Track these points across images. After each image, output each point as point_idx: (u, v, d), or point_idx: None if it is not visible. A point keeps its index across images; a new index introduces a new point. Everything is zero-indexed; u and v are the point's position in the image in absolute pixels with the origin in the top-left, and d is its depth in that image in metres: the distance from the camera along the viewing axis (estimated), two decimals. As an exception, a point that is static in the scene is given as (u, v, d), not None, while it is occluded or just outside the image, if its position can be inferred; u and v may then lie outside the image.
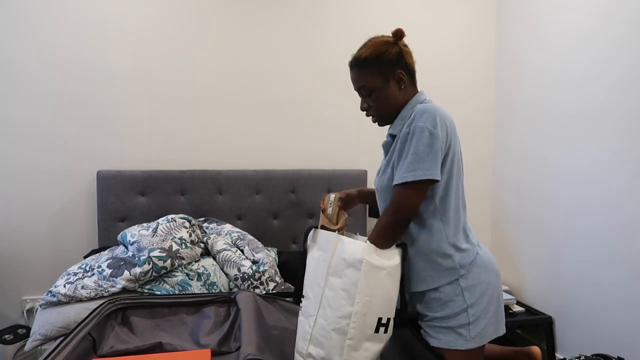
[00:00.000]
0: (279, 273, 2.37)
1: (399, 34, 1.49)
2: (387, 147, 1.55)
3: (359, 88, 1.52)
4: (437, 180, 1.39)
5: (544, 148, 2.82)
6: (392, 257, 1.40)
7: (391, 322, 1.39)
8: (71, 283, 2.06)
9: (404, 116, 1.50)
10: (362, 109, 1.54)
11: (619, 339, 2.32)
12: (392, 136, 1.52)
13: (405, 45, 1.52)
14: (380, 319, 1.37)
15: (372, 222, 3.15)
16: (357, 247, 1.38)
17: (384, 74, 1.48)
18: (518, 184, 3.08)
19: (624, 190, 2.29)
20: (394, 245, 1.44)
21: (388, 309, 1.38)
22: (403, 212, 1.38)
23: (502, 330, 1.51)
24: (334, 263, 1.39)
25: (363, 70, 1.48)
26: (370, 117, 1.56)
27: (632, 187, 2.24)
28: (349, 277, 1.36)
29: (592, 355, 1.99)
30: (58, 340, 1.59)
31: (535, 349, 1.78)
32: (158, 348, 1.52)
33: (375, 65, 1.47)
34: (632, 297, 2.25)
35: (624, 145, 2.29)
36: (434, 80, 3.24)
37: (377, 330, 1.37)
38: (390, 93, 1.49)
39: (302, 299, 1.49)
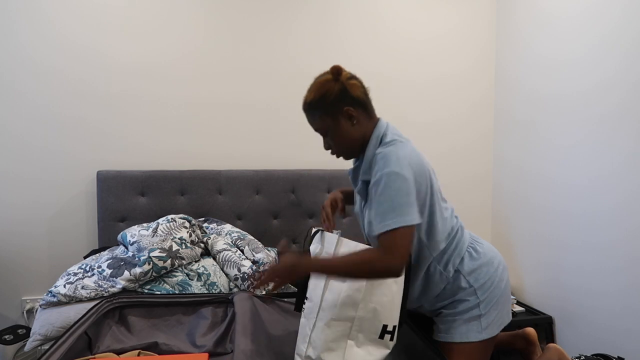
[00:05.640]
0: (278, 273, 2.37)
1: (336, 71, 1.45)
2: (362, 193, 1.51)
3: (315, 130, 1.50)
4: (416, 224, 1.34)
5: (544, 135, 2.82)
6: None
7: (396, 330, 1.39)
8: (71, 283, 2.07)
9: (367, 159, 1.46)
10: (325, 149, 1.52)
11: (619, 338, 2.31)
12: (363, 182, 1.49)
13: (350, 78, 1.47)
14: (385, 326, 1.37)
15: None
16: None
17: (331, 113, 1.44)
18: (519, 171, 3.08)
19: (622, 172, 2.28)
20: None
21: (393, 317, 1.38)
22: (392, 258, 1.28)
23: (508, 319, 1.59)
24: None
25: (312, 114, 1.47)
26: (335, 155, 1.52)
27: (632, 167, 2.24)
28: (354, 282, 1.35)
29: (592, 355, 2.00)
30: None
31: (530, 330, 1.84)
32: (154, 348, 1.52)
33: (321, 107, 1.44)
34: (632, 297, 2.24)
35: (623, 130, 2.28)
36: (433, 67, 3.24)
37: (382, 337, 1.36)
38: (344, 131, 1.45)
39: (305, 301, 1.49)
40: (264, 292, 2.21)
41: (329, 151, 1.52)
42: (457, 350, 1.50)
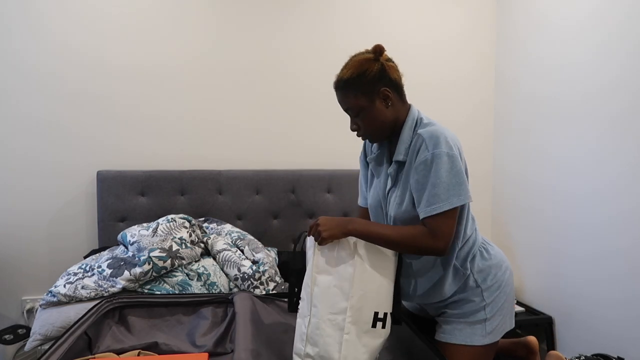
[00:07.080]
0: (279, 273, 2.38)
1: (378, 50, 1.43)
2: (394, 175, 1.50)
3: (346, 109, 1.47)
4: (467, 202, 1.40)
5: (544, 140, 2.81)
6: (383, 252, 1.40)
7: (389, 318, 1.38)
8: (71, 283, 2.07)
9: (404, 140, 1.45)
10: (352, 130, 1.49)
11: (619, 338, 2.31)
12: (397, 162, 1.48)
13: (389, 60, 1.46)
14: (376, 314, 1.36)
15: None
16: (345, 243, 1.38)
17: (367, 93, 1.42)
18: (519, 176, 3.08)
19: (623, 181, 2.28)
20: None
21: (384, 304, 1.38)
22: (441, 240, 1.34)
23: (511, 325, 1.58)
24: (316, 261, 1.39)
25: (347, 92, 1.43)
26: (361, 137, 1.51)
27: (633, 177, 2.24)
28: (341, 273, 1.36)
29: (592, 355, 2.00)
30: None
31: (532, 339, 1.84)
32: (154, 348, 1.52)
33: (358, 85, 1.41)
34: (632, 296, 2.24)
35: (623, 136, 2.28)
36: (433, 71, 3.24)
37: (374, 325, 1.36)
38: (378, 112, 1.44)
39: (300, 301, 1.49)
40: (264, 292, 2.21)
41: (355, 133, 1.52)
42: (460, 352, 1.49)
